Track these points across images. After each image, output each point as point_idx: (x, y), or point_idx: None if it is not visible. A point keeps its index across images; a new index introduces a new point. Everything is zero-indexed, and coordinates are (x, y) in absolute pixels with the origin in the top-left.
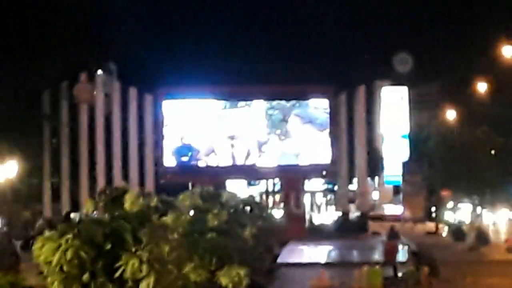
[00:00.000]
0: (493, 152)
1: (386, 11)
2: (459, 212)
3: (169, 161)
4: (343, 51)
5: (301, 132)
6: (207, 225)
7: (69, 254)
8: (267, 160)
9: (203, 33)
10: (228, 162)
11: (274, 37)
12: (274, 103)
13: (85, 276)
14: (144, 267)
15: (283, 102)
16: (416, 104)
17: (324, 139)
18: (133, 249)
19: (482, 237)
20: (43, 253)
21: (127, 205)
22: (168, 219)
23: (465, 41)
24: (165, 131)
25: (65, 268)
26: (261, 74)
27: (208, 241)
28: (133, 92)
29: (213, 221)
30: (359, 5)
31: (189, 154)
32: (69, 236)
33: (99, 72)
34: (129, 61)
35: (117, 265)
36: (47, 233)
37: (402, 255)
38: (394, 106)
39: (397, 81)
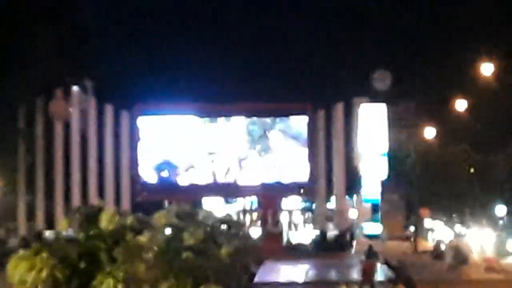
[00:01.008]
0: (472, 170)
1: (364, 28)
2: (438, 230)
3: (146, 178)
4: (322, 68)
5: (283, 148)
6: (182, 244)
7: (44, 274)
8: (247, 176)
9: (181, 50)
10: (208, 178)
11: (253, 54)
12: (254, 118)
13: None
14: (119, 287)
15: (263, 118)
16: (395, 121)
17: (306, 155)
18: (108, 269)
19: (460, 256)
20: (17, 273)
21: (102, 223)
22: (143, 237)
23: (444, 59)
24: (144, 147)
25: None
26: (240, 91)
27: (184, 261)
28: (109, 108)
29: (189, 240)
30: (337, 22)
31: (169, 169)
32: (44, 255)
33: (75, 88)
34: (105, 78)
35: (92, 284)
36: (21, 252)
37: (380, 274)
38: (372, 123)
39: (375, 99)
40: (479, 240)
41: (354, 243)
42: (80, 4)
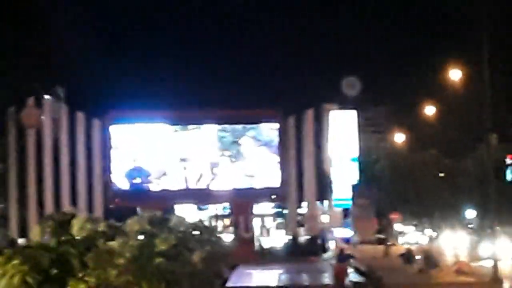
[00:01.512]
0: (441, 174)
1: (334, 36)
2: (409, 234)
3: (119, 185)
4: (292, 75)
5: (254, 154)
6: (155, 250)
7: (16, 280)
8: (219, 183)
9: (152, 58)
10: (181, 185)
11: (223, 62)
12: (225, 126)
13: None
14: None
15: (234, 125)
16: (365, 127)
17: (277, 161)
18: (80, 274)
19: (430, 260)
20: None
21: (74, 230)
22: (115, 244)
23: (413, 66)
24: (116, 155)
25: None
26: (210, 98)
27: (156, 266)
28: (80, 116)
29: (161, 245)
30: (307, 30)
31: (140, 176)
32: (16, 261)
33: (47, 96)
34: (77, 86)
35: None
36: None
37: (351, 277)
38: (343, 129)
39: (345, 105)
40: (450, 243)
41: (331, 247)
42: (52, 12)
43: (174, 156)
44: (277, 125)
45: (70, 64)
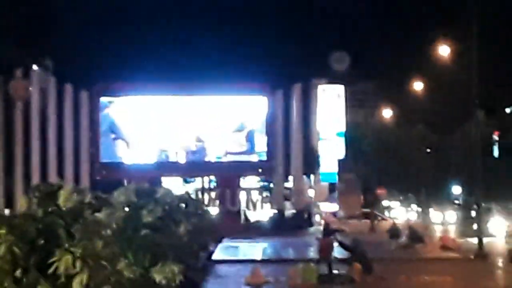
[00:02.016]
0: (428, 150)
1: (323, 9)
2: (395, 209)
3: (105, 157)
4: (280, 49)
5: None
6: (141, 222)
7: (2, 250)
8: (207, 155)
9: (140, 30)
10: (168, 157)
11: (211, 35)
12: (214, 97)
13: (18, 272)
14: (78, 263)
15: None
16: (353, 102)
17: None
18: (66, 245)
19: (415, 235)
20: None
21: (60, 201)
22: (101, 215)
23: (402, 40)
24: (104, 127)
25: None
26: (198, 71)
27: (142, 238)
28: (68, 88)
29: (148, 217)
30: (296, 3)
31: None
32: (2, 231)
33: (35, 67)
34: (65, 57)
35: (50, 261)
36: None
37: (337, 252)
38: (330, 104)
39: (334, 80)
40: (436, 219)
41: (317, 221)
42: None
43: (161, 128)
44: (264, 99)
45: (59, 35)
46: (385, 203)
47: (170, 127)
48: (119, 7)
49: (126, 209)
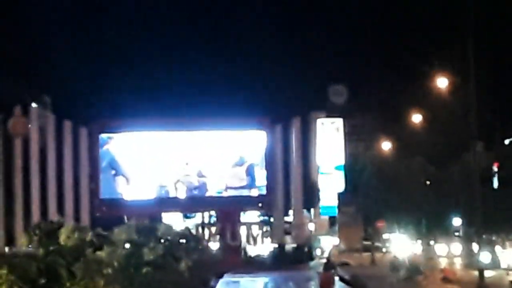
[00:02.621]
0: (428, 182)
1: (321, 44)
2: (395, 242)
3: (105, 193)
4: (279, 83)
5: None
6: (142, 260)
7: None
8: (207, 191)
9: (139, 68)
10: (168, 193)
11: (211, 70)
12: (213, 132)
13: None
14: None
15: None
16: (352, 135)
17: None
18: (68, 284)
19: (415, 267)
20: None
21: (62, 239)
22: (103, 253)
23: (399, 73)
24: (103, 164)
25: None
26: (198, 106)
27: (144, 275)
28: (67, 125)
29: (149, 255)
30: (295, 37)
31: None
32: (3, 271)
33: (34, 105)
34: (63, 94)
35: None
36: None
37: (337, 286)
38: (329, 137)
39: (332, 113)
40: (437, 251)
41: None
42: (39, 21)
43: (162, 164)
44: (264, 133)
45: (57, 73)
46: (385, 235)
47: (170, 163)
48: (118, 45)
49: (127, 245)
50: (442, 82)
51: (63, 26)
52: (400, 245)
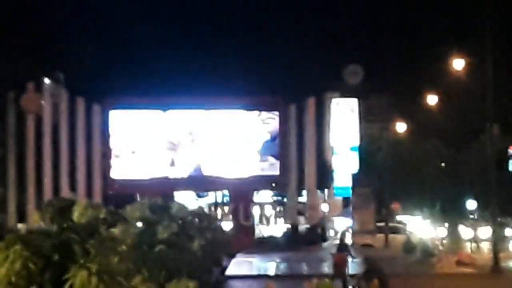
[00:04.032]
0: (442, 164)
1: (336, 23)
2: (410, 224)
3: (117, 172)
4: (293, 63)
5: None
6: (156, 238)
7: (17, 265)
8: (219, 170)
9: (151, 43)
10: (180, 172)
11: (225, 50)
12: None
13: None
14: (93, 279)
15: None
16: (366, 116)
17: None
18: (82, 261)
19: (427, 250)
20: None
21: (75, 216)
22: (116, 230)
23: (415, 54)
24: (115, 141)
25: (13, 279)
26: (211, 85)
27: (157, 254)
28: (80, 101)
29: (163, 233)
30: (310, 17)
31: None
32: (17, 247)
33: (47, 81)
34: (77, 70)
35: (66, 277)
36: None
37: (351, 267)
38: (344, 118)
39: (347, 93)
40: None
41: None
42: None
43: (173, 142)
44: (276, 113)
45: (70, 48)
46: (399, 217)
47: (184, 142)
48: (132, 22)
49: (140, 224)
50: (459, 63)
51: (76, 1)
52: (416, 227)
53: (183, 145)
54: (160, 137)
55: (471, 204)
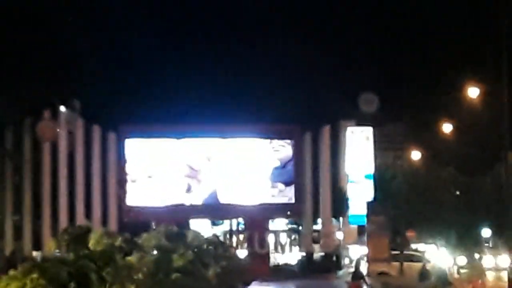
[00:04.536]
0: (458, 192)
1: (352, 51)
2: (425, 252)
3: (133, 200)
4: (309, 91)
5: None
6: (172, 265)
7: None
8: (234, 198)
9: (167, 71)
10: (195, 200)
11: (240, 77)
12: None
13: None
14: None
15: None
16: (381, 144)
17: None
18: None
19: (442, 278)
20: None
21: (91, 244)
22: (133, 258)
23: (430, 82)
24: (131, 169)
25: None
26: (226, 113)
27: (173, 282)
28: (96, 129)
29: (178, 261)
30: (325, 44)
31: None
32: (34, 275)
33: (62, 108)
34: (93, 98)
35: None
36: (11, 272)
37: None
38: (359, 146)
39: (362, 121)
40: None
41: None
42: (68, 25)
43: (188, 170)
44: (288, 141)
45: (86, 76)
46: (414, 245)
47: (198, 170)
48: (149, 50)
49: (155, 252)
50: (474, 91)
51: (92, 29)
52: (432, 255)
53: (201, 171)
54: (178, 163)
55: (486, 232)
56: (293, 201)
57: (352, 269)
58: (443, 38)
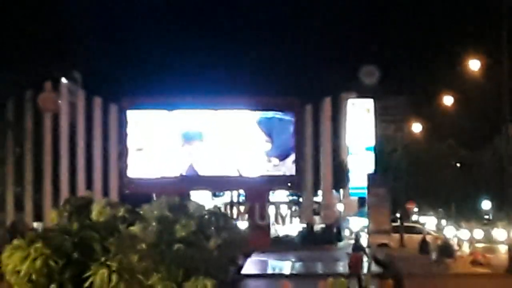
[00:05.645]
0: (458, 165)
1: (353, 24)
2: (425, 224)
3: (133, 172)
4: (310, 63)
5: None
6: (174, 236)
7: (38, 263)
8: (235, 169)
9: (169, 43)
10: (196, 171)
11: (241, 50)
12: (242, 111)
13: (53, 286)
14: (113, 277)
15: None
16: (382, 116)
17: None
18: (102, 259)
19: (445, 250)
20: (12, 262)
21: (94, 214)
22: (136, 229)
23: (431, 55)
24: (131, 141)
25: (33, 277)
26: (227, 85)
27: (175, 252)
28: (97, 101)
29: (181, 232)
30: (326, 17)
31: None
32: (39, 245)
33: (64, 80)
34: (94, 70)
35: (86, 275)
36: (15, 242)
37: (367, 267)
38: (360, 118)
39: (363, 94)
40: (467, 233)
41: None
42: None
43: (189, 143)
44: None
45: (88, 48)
46: (415, 217)
47: (198, 141)
48: (149, 22)
49: (157, 222)
50: (475, 64)
51: (93, 2)
52: (432, 227)
53: (198, 144)
54: (177, 136)
55: (486, 205)
56: (287, 174)
57: (353, 241)
58: (444, 10)
